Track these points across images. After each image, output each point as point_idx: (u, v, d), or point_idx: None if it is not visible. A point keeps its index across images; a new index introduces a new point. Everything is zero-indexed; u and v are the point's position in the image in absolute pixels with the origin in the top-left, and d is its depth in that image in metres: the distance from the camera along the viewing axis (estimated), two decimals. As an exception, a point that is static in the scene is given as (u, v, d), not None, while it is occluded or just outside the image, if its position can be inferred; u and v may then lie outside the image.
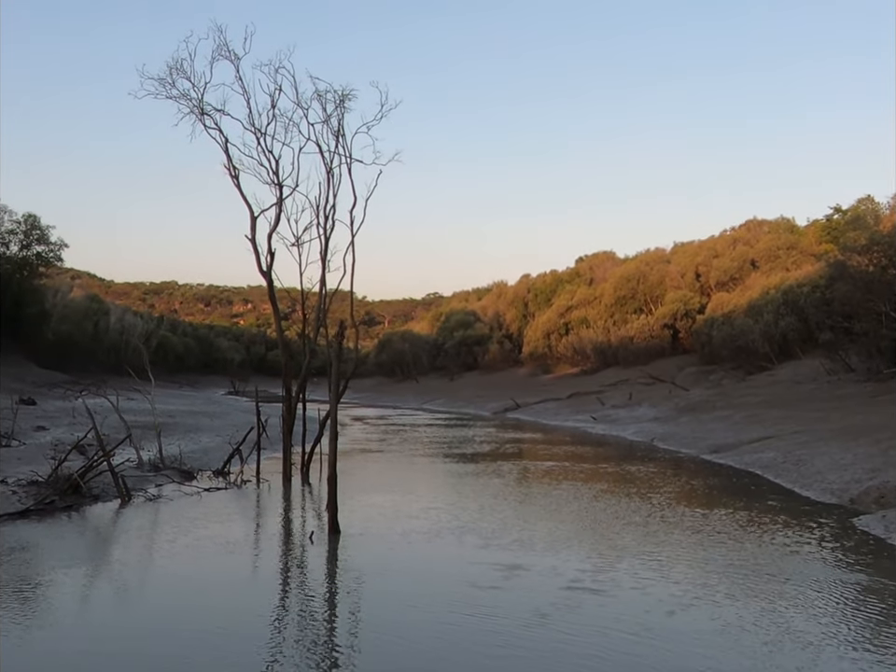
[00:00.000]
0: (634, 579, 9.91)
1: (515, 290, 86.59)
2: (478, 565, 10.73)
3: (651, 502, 15.27)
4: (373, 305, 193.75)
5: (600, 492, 16.75)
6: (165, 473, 17.13)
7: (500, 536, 12.47)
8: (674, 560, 10.82)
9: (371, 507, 15.09)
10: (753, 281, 53.23)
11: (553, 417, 41.76)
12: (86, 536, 12.38)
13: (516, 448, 27.34)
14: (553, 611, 8.65)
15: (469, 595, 9.30)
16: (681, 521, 13.45)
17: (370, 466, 22.58)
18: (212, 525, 13.11)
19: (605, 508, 14.83)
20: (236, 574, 10.33)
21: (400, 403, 64.21)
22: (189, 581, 10.05)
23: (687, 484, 17.66)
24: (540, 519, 13.96)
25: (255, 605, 8.84)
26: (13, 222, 52.29)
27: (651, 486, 17.31)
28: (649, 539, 12.17)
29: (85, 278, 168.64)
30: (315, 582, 10.07)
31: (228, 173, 14.82)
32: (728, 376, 41.14)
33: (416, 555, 11.42)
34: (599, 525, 13.33)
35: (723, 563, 10.61)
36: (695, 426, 28.80)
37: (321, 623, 8.40)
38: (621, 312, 63.18)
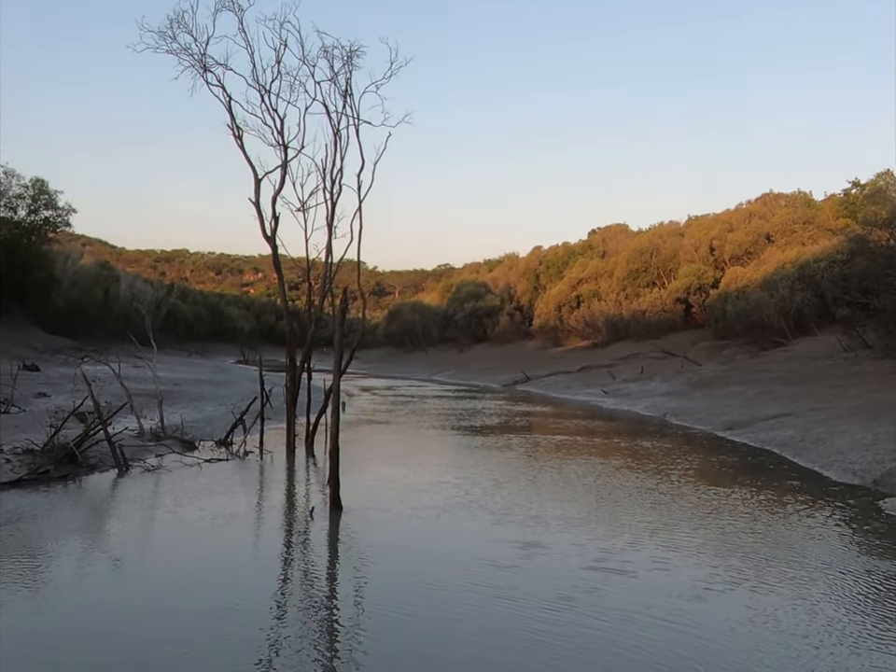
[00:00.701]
0: (657, 560, 9.43)
1: (527, 262, 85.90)
2: (493, 542, 10.28)
3: (667, 480, 14.74)
4: (384, 276, 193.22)
5: (614, 468, 16.25)
6: (166, 443, 16.67)
7: (514, 512, 12.01)
8: (697, 541, 10.31)
9: (377, 480, 14.65)
10: (768, 255, 52.41)
11: (564, 391, 41.25)
12: (78, 507, 11.87)
13: (526, 421, 26.85)
14: (577, 594, 8.19)
15: (487, 575, 8.83)
16: (700, 500, 12.91)
17: (377, 437, 22.19)
18: (209, 498, 12.62)
19: (620, 485, 14.33)
20: (229, 553, 9.83)
21: (409, 374, 63.79)
22: (181, 557, 9.58)
23: (703, 462, 17.11)
24: (555, 495, 13.49)
25: (248, 585, 8.36)
26: (21, 186, 51.80)
27: (666, 463, 16.79)
28: (668, 518, 11.66)
29: (96, 245, 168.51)
30: (314, 563, 9.57)
31: (231, 133, 14.22)
32: (742, 351, 40.46)
33: (425, 533, 10.89)
34: (616, 503, 12.83)
35: (749, 546, 10.08)
36: (709, 401, 28.24)
37: (320, 607, 7.90)
38: (633, 285, 62.48)
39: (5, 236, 49.79)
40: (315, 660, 6.49)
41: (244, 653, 6.55)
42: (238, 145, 13.68)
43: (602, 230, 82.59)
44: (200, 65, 15.19)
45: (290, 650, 6.66)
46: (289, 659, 6.48)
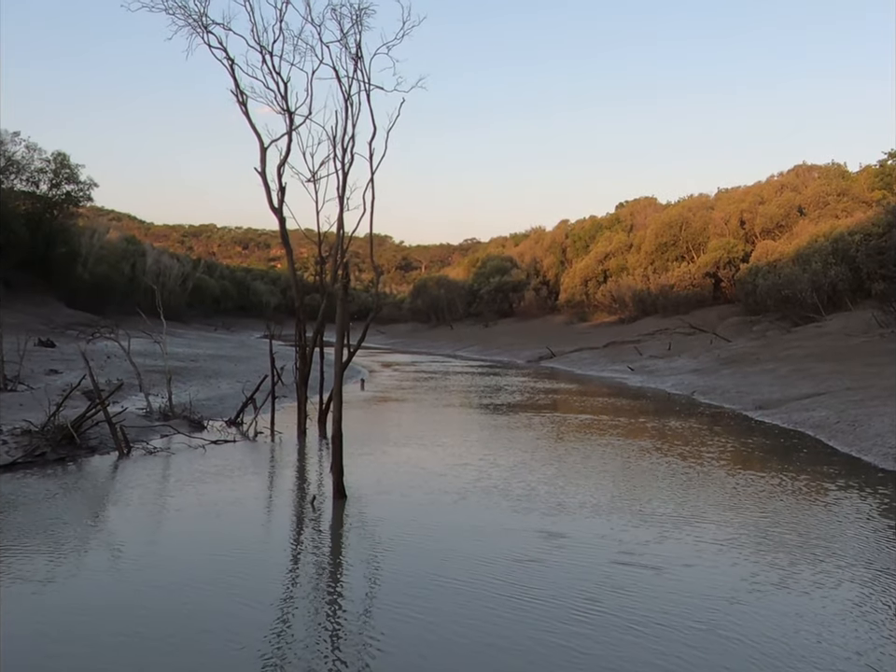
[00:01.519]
0: (692, 555, 8.73)
1: (553, 236, 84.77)
2: (514, 533, 9.60)
3: (697, 464, 13.95)
4: (410, 250, 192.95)
5: (642, 450, 15.49)
6: (173, 423, 16.04)
7: (537, 498, 11.32)
8: (735, 533, 9.55)
9: (390, 462, 14.02)
10: (801, 229, 51.15)
11: (589, 367, 40.45)
12: (73, 493, 11.18)
13: (550, 399, 26.12)
14: (607, 594, 7.51)
15: (506, 570, 8.17)
16: (733, 487, 12.11)
17: (394, 415, 21.56)
18: (209, 483, 11.98)
19: (648, 469, 13.58)
20: (219, 546, 9.04)
21: (434, 349, 63.21)
22: (175, 549, 8.94)
23: (735, 444, 16.25)
24: (580, 479, 12.76)
25: (237, 584, 7.74)
26: (42, 161, 51.43)
27: (696, 445, 16.01)
28: (700, 507, 10.88)
29: (125, 220, 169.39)
30: (310, 559, 8.79)
31: (236, 99, 13.47)
32: (773, 327, 39.40)
33: (440, 523, 10.14)
34: (645, 489, 12.07)
35: (794, 541, 9.28)
36: (738, 379, 27.35)
37: (317, 610, 7.24)
38: (661, 259, 61.32)
39: (27, 210, 49.50)
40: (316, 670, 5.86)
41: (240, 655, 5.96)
42: (242, 111, 12.96)
43: (630, 203, 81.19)
44: (200, 25, 14.43)
45: (291, 658, 6.03)
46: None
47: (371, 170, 15.41)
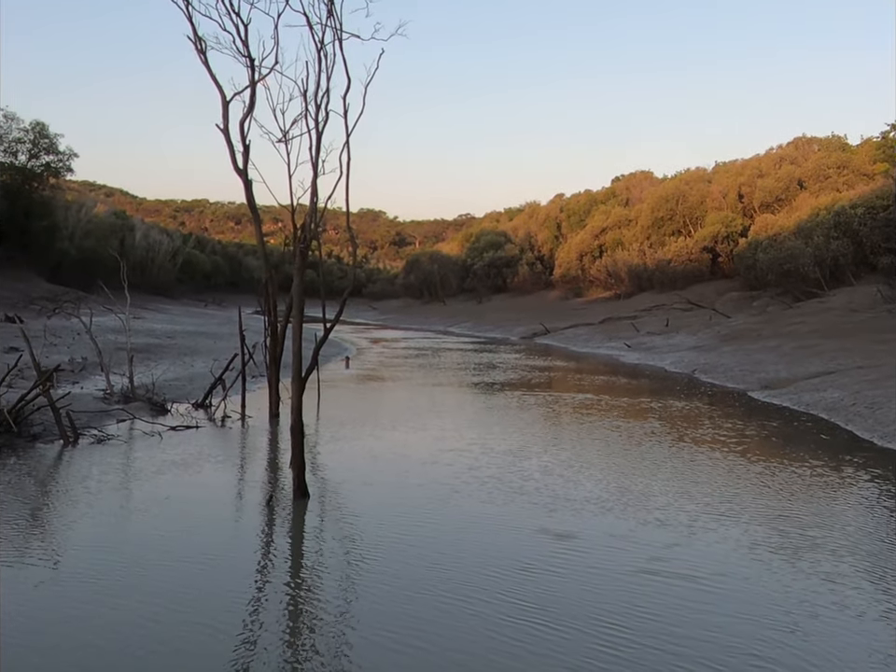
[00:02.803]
0: (726, 561, 7.60)
1: (548, 211, 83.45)
2: (515, 533, 8.46)
3: (710, 451, 12.72)
4: (404, 226, 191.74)
5: (646, 435, 14.25)
6: (131, 407, 14.58)
7: (538, 490, 10.17)
8: (771, 536, 8.36)
9: (370, 449, 12.77)
10: (801, 202, 49.93)
11: (585, 344, 39.28)
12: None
13: (545, 377, 24.94)
14: (636, 615, 6.32)
15: (509, 582, 6.98)
16: (750, 479, 10.85)
17: (379, 396, 20.33)
18: (153, 479, 10.52)
19: (656, 456, 12.39)
20: (140, 560, 7.48)
21: (426, 326, 62.03)
22: (89, 561, 7.47)
23: (744, 429, 14.96)
24: (583, 468, 11.56)
25: (159, 604, 6.55)
26: (21, 130, 49.77)
27: (705, 430, 14.79)
28: (723, 501, 9.67)
29: (118, 195, 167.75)
30: (257, 574, 7.31)
31: (194, 47, 12.11)
32: (774, 302, 38.21)
33: (424, 524, 8.83)
34: (656, 480, 10.84)
35: (845, 546, 8.08)
36: (741, 356, 26.18)
37: (277, 634, 6.06)
38: (658, 234, 60.06)
39: (4, 181, 47.97)
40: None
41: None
42: (202, 60, 11.58)
43: (626, 177, 79.90)
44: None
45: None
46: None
47: (347, 128, 14.04)
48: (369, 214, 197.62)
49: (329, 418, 15.76)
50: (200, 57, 11.48)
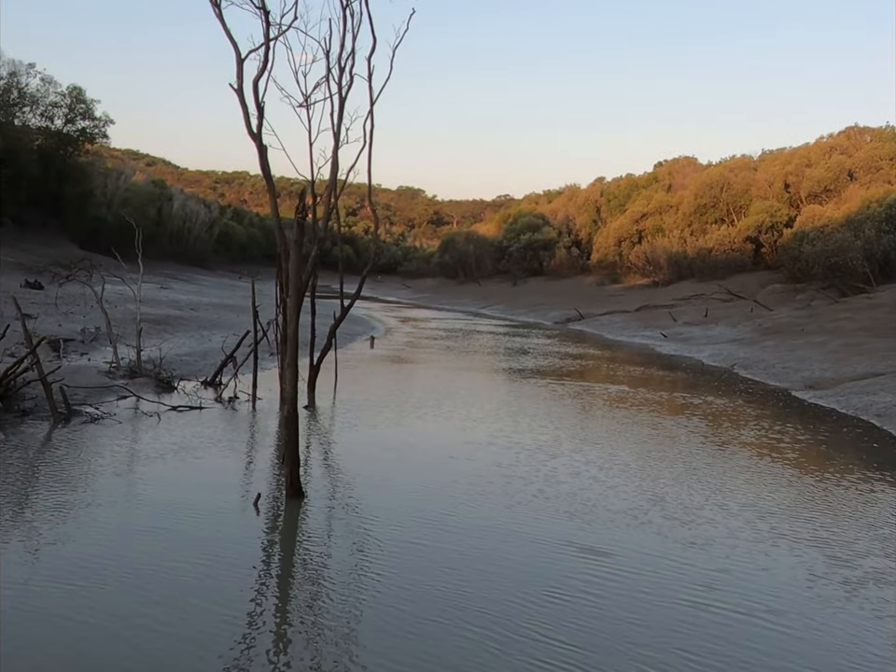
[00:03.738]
0: (775, 594, 6.66)
1: (587, 194, 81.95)
2: (543, 548, 7.55)
3: (753, 458, 11.70)
4: (442, 205, 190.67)
5: (688, 435, 13.26)
6: (135, 383, 13.84)
7: (568, 496, 9.23)
8: (819, 563, 7.43)
9: (386, 440, 11.91)
10: (851, 193, 48.28)
11: (620, 332, 38.17)
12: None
13: (578, 366, 23.93)
14: (680, 658, 5.42)
15: (534, 609, 6.09)
16: (804, 493, 9.83)
17: (401, 380, 19.44)
18: (137, 468, 9.62)
19: (697, 462, 11.33)
20: (99, 569, 6.55)
21: (459, 306, 61.08)
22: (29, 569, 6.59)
23: (790, 433, 13.81)
24: (618, 472, 10.59)
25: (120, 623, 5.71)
26: (57, 94, 49.29)
27: (749, 431, 13.74)
28: (767, 519, 8.68)
29: (160, 165, 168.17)
30: (235, 593, 6.24)
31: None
32: (819, 297, 36.83)
33: (435, 532, 7.85)
34: (696, 489, 9.81)
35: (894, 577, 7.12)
36: (783, 352, 25.00)
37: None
38: (700, 221, 58.58)
39: (40, 145, 47.55)
40: None
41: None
42: (216, 13, 10.70)
43: (669, 162, 78.19)
44: None
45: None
46: None
47: (371, 92, 13.23)
48: (408, 192, 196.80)
49: (344, 402, 14.93)
50: (214, 10, 10.57)
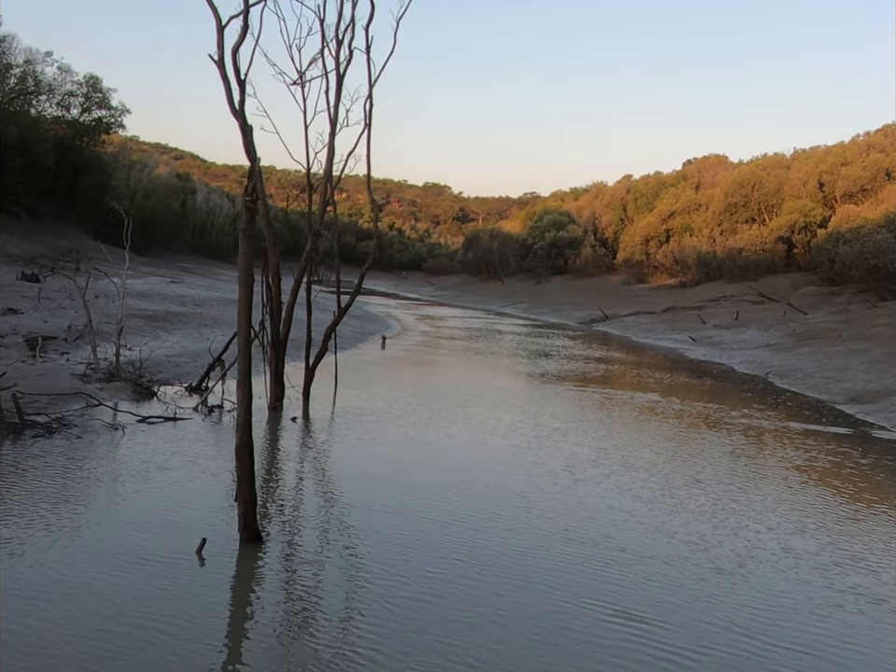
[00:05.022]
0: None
1: (614, 192, 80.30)
2: (572, 611, 6.16)
3: (811, 488, 10.24)
4: (468, 202, 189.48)
5: (729, 458, 11.75)
6: (103, 390, 12.40)
7: (602, 541, 7.79)
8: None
9: (381, 457, 10.54)
10: (889, 193, 46.55)
11: (646, 334, 36.71)
12: None
13: (604, 371, 22.57)
14: None
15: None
16: (878, 537, 8.58)
17: (409, 385, 17.90)
18: (70, 501, 7.84)
19: (749, 496, 9.76)
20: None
21: (481, 305, 59.77)
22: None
23: (842, 458, 12.26)
24: (658, 506, 9.06)
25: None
26: (74, 83, 48.34)
27: (796, 454, 12.20)
28: (845, 573, 7.31)
29: (188, 158, 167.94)
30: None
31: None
32: (856, 300, 35.23)
33: (442, 593, 6.36)
34: (753, 531, 8.35)
35: None
36: (821, 360, 23.51)
37: None
38: (730, 220, 56.95)
39: (55, 136, 46.64)
40: None
41: None
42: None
43: (698, 160, 76.37)
44: None
45: None
46: None
47: (370, 66, 11.96)
48: (433, 188, 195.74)
49: (341, 412, 13.59)
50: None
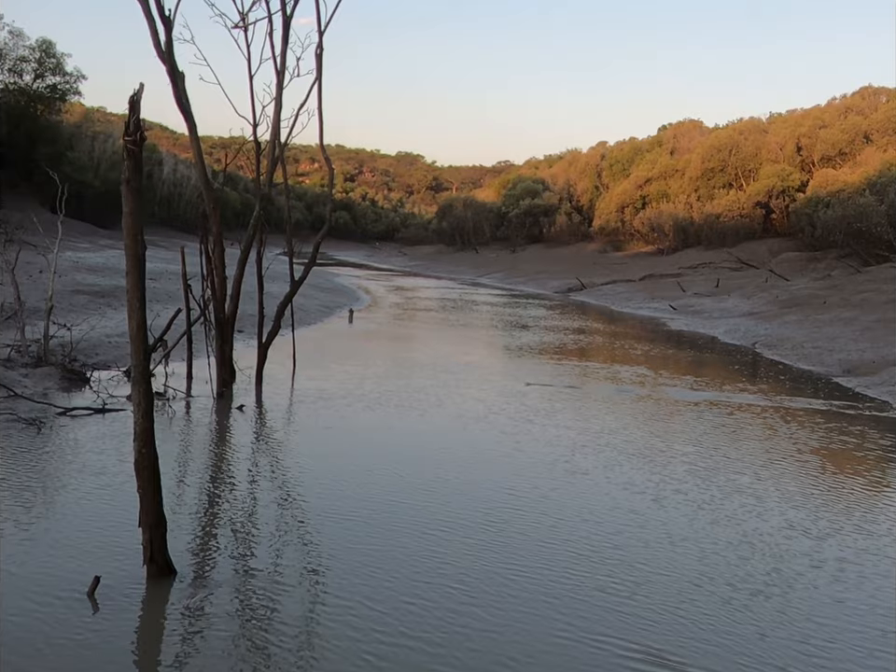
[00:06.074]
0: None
1: (588, 158, 79.04)
2: (579, 647, 5.03)
3: (818, 482, 9.04)
4: (441, 171, 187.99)
5: (722, 443, 10.55)
6: (27, 377, 11.04)
7: (606, 547, 6.64)
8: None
9: (336, 456, 9.17)
10: (868, 157, 45.64)
11: (625, 303, 35.64)
12: None
13: (586, 343, 21.46)
14: None
15: None
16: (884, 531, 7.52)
17: (377, 364, 16.63)
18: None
19: (744, 492, 8.54)
20: None
21: (455, 275, 58.48)
22: None
23: (853, 440, 11.12)
24: (666, 501, 7.93)
25: None
26: (26, 48, 46.25)
27: (810, 439, 11.04)
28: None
29: (156, 130, 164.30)
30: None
31: None
32: (839, 265, 34.29)
33: (422, 619, 5.28)
34: (751, 539, 7.14)
35: None
36: (810, 329, 22.50)
37: None
38: (707, 186, 55.88)
39: (8, 103, 44.68)
40: None
41: None
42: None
43: (674, 125, 75.18)
44: None
45: None
46: None
47: (318, 7, 10.68)
48: (406, 157, 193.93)
49: (301, 394, 12.38)
50: None
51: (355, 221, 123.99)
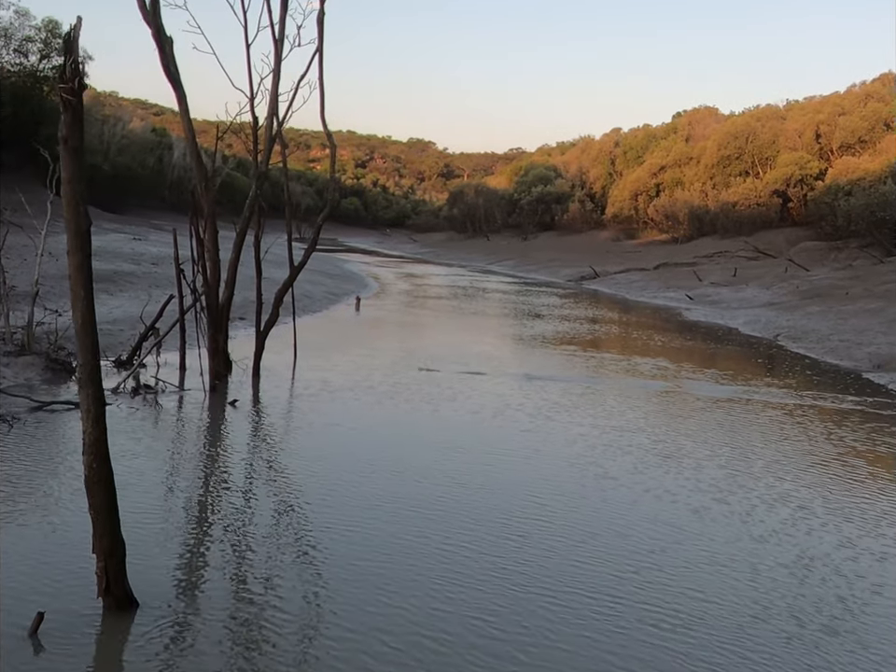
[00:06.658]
0: None
1: (601, 145, 77.97)
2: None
3: (876, 488, 8.31)
4: (453, 157, 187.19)
5: (764, 443, 9.85)
6: (16, 363, 10.34)
7: (645, 567, 5.89)
8: None
9: (333, 462, 8.32)
10: (889, 144, 44.61)
11: (639, 292, 34.78)
12: None
13: (600, 334, 20.66)
14: None
15: None
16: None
17: (382, 355, 15.74)
18: None
19: (818, 486, 7.97)
20: None
21: (466, 262, 57.63)
22: None
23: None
24: (707, 513, 7.18)
25: None
26: (32, 28, 45.40)
27: (841, 440, 10.28)
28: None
29: (168, 114, 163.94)
30: None
31: None
32: (861, 255, 33.33)
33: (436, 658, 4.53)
34: (792, 560, 6.34)
35: None
36: (834, 320, 21.64)
37: None
38: (723, 174, 54.81)
39: (14, 83, 43.87)
40: None
41: None
42: None
43: (689, 112, 74.10)
44: None
45: None
46: None
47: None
48: (418, 144, 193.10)
49: (301, 387, 11.61)
50: None
51: (365, 207, 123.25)
